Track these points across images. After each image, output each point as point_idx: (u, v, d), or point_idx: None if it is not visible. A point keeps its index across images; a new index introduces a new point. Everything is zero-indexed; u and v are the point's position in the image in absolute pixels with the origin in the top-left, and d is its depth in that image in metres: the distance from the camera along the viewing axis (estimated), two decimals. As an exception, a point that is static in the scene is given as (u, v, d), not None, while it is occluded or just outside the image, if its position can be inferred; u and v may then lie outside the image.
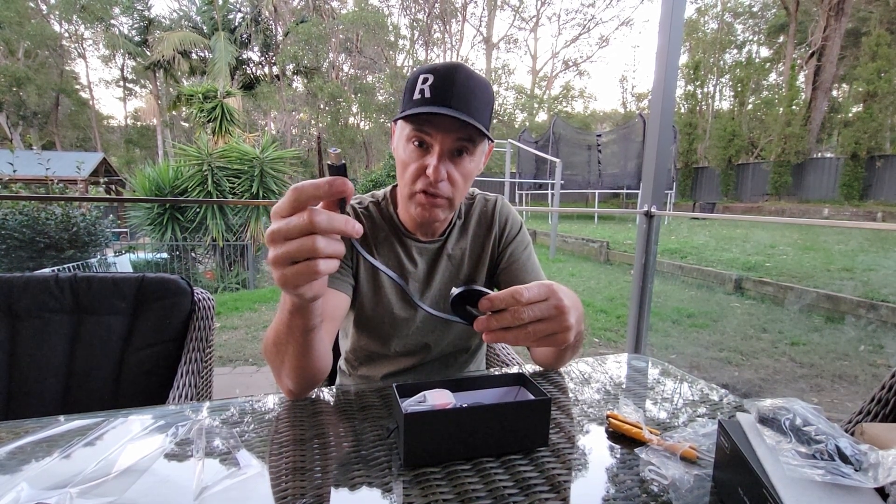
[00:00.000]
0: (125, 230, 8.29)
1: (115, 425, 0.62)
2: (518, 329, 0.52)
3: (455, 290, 0.54)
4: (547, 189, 14.36)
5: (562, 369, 0.87)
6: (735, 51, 24.19)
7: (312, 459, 0.55)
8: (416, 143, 0.77)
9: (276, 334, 0.64)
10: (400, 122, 0.79)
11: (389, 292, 0.90)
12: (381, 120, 23.39)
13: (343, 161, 0.48)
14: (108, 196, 11.79)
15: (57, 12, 24.18)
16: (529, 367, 0.90)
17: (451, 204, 0.82)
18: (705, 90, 22.66)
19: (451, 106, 0.73)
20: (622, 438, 0.62)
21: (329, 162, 0.49)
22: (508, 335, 0.52)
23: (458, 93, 0.73)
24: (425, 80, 0.74)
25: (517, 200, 14.33)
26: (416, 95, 0.74)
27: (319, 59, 21.43)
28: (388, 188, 0.95)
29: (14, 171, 5.96)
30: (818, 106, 16.57)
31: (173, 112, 18.56)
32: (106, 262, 5.63)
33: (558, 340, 0.54)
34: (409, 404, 0.57)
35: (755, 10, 23.25)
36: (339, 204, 0.49)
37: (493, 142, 0.83)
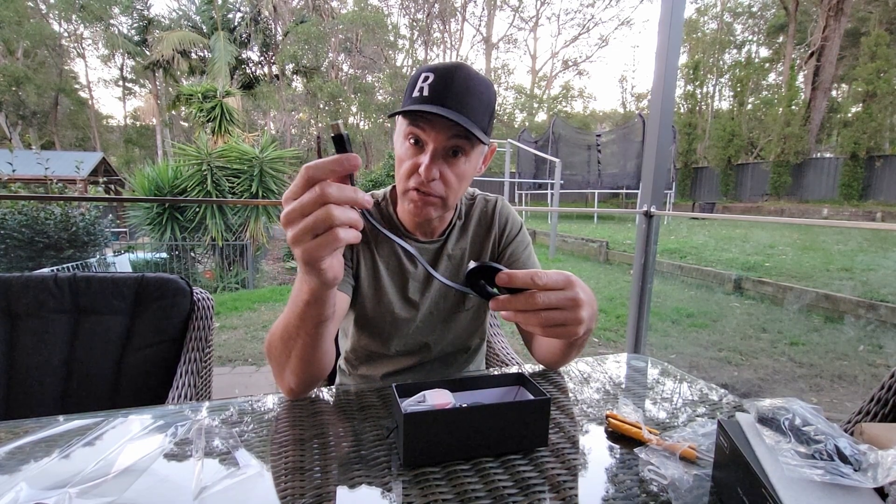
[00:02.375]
0: (124, 230, 8.30)
1: (114, 425, 0.62)
2: (530, 313, 0.52)
3: (471, 265, 0.53)
4: (546, 189, 14.37)
5: (561, 369, 0.87)
6: (734, 51, 24.24)
7: (312, 459, 0.55)
8: (412, 140, 0.77)
9: (285, 328, 0.64)
10: (399, 118, 0.79)
11: (390, 292, 0.90)
12: (381, 120, 23.39)
13: (345, 131, 0.47)
14: (107, 196, 11.77)
15: (56, 12, 24.15)
16: (529, 367, 0.90)
17: (445, 203, 0.81)
18: (705, 90, 22.69)
19: (446, 105, 0.73)
20: (622, 438, 0.62)
21: (331, 134, 0.48)
22: (519, 316, 0.53)
23: (455, 92, 0.73)
24: (426, 79, 0.74)
25: (517, 200, 14.33)
26: (416, 93, 0.75)
27: (319, 58, 21.41)
28: (388, 188, 0.95)
29: (13, 171, 5.96)
30: (817, 106, 16.59)
31: (173, 112, 18.57)
32: (105, 262, 5.62)
33: (568, 332, 0.54)
34: (409, 404, 0.57)
35: (755, 10, 23.28)
36: (349, 179, 0.49)
37: (487, 143, 0.81)
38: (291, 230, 0.47)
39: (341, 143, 0.47)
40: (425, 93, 0.74)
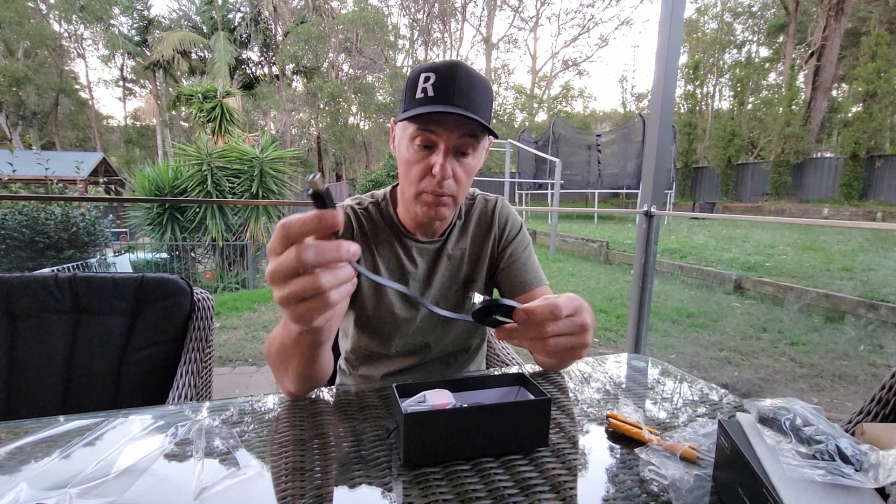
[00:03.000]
0: (125, 230, 8.29)
1: (114, 425, 0.62)
2: (539, 340, 0.53)
3: (477, 305, 0.52)
4: (547, 189, 14.36)
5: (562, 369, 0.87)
6: (735, 51, 24.22)
7: (312, 459, 0.55)
8: (421, 142, 0.77)
9: (280, 345, 0.63)
10: (402, 121, 0.79)
11: (390, 292, 0.90)
12: (381, 120, 23.37)
13: (325, 186, 0.42)
14: (107, 196, 11.78)
15: (56, 12, 24.16)
16: (529, 367, 0.90)
17: (456, 202, 0.82)
18: (705, 90, 22.67)
19: (453, 103, 0.73)
20: (622, 438, 0.62)
21: (308, 191, 0.43)
22: (527, 343, 0.54)
23: (460, 90, 0.73)
24: (427, 79, 0.74)
25: (517, 200, 14.33)
26: (419, 94, 0.74)
27: (319, 58, 21.41)
28: (388, 188, 0.95)
29: (13, 171, 5.96)
30: (818, 106, 16.57)
31: (173, 112, 18.57)
32: (105, 262, 5.62)
33: (573, 355, 0.57)
34: (409, 404, 0.57)
35: (755, 9, 23.27)
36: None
37: (496, 137, 0.83)
38: (277, 291, 0.44)
39: (320, 201, 0.42)
40: (430, 93, 0.74)
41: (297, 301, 0.43)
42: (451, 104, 0.73)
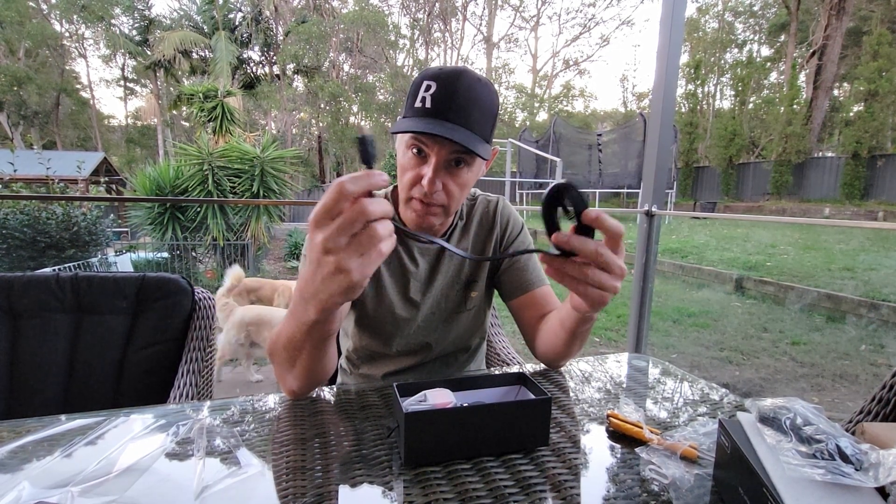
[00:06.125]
0: (126, 230, 8.30)
1: (116, 424, 0.62)
2: (582, 265, 0.52)
3: (557, 183, 0.50)
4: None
5: (563, 369, 0.87)
6: (736, 50, 24.18)
7: (313, 458, 0.55)
8: (415, 150, 0.77)
9: (288, 339, 0.63)
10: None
11: (391, 292, 0.90)
12: (382, 119, 23.37)
13: (370, 136, 0.47)
14: (108, 195, 11.79)
15: (57, 12, 24.18)
16: (530, 367, 0.90)
17: (447, 211, 0.82)
18: (706, 89, 22.65)
19: (448, 119, 0.72)
20: (623, 438, 0.62)
21: (359, 135, 0.48)
22: (569, 265, 0.53)
23: (458, 104, 0.72)
24: (428, 88, 0.73)
25: (518, 200, 14.32)
26: (417, 103, 0.74)
27: (320, 58, 21.38)
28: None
29: (15, 171, 5.96)
30: (819, 105, 16.54)
31: (174, 111, 18.57)
32: (107, 262, 5.63)
33: (600, 298, 0.54)
34: (410, 403, 0.57)
35: (756, 9, 23.23)
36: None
37: (492, 154, 0.82)
38: (337, 255, 0.45)
39: (365, 145, 0.47)
40: (427, 104, 0.73)
41: (355, 256, 0.45)
42: (446, 120, 0.72)
